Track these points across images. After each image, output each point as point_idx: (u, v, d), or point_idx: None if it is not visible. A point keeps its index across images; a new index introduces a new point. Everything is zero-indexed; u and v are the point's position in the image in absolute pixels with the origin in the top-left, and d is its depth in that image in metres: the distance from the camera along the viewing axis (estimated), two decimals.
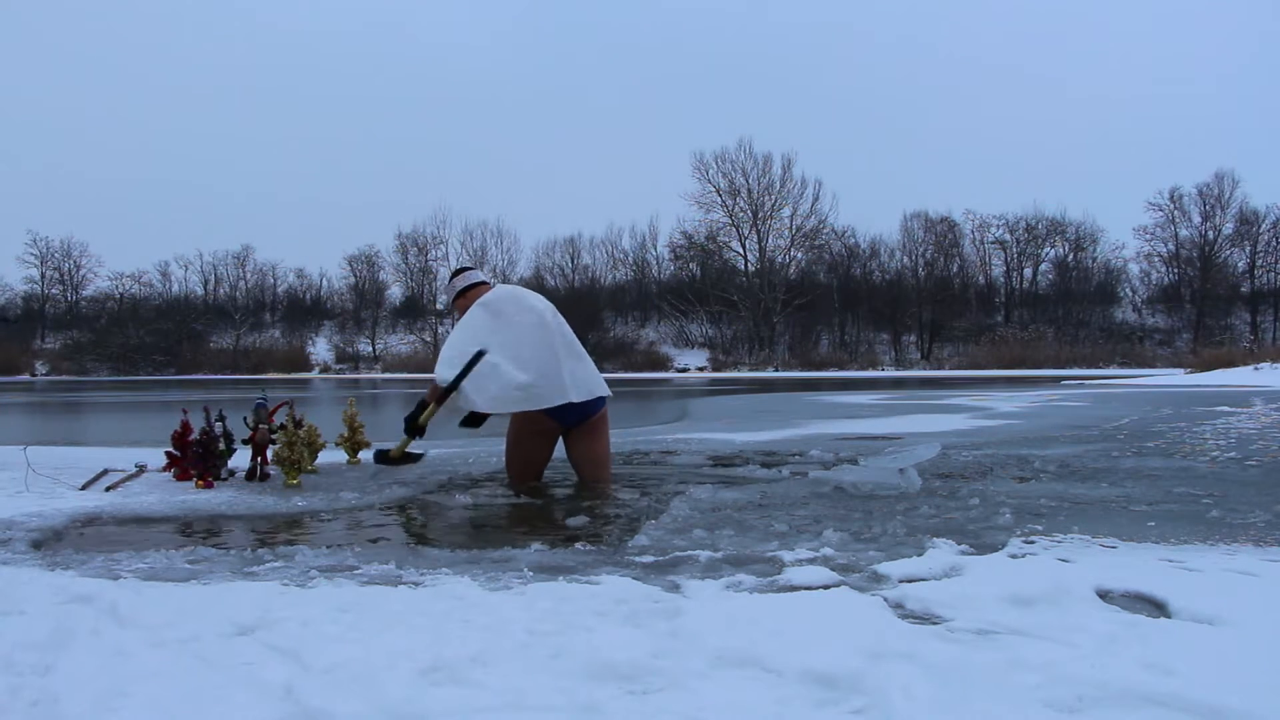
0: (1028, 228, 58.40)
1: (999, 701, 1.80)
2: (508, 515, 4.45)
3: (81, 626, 2.30)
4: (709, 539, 3.57)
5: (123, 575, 2.99)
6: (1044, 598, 2.48)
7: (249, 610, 2.44)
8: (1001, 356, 48.52)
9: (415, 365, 57.73)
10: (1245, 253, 55.17)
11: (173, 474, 5.37)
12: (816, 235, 57.44)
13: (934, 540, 3.37)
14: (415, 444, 5.69)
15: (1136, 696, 1.80)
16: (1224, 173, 54.15)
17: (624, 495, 4.91)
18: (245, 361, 57.87)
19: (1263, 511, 3.97)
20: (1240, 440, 7.06)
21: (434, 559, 3.26)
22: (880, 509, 4.20)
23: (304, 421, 5.57)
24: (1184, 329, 54.11)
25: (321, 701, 1.81)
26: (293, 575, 2.97)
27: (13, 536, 3.73)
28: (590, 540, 3.64)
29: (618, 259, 62.93)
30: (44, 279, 65.23)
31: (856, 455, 6.20)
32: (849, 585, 2.74)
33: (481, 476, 5.70)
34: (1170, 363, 43.50)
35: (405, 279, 64.85)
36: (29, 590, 2.70)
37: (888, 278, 58.73)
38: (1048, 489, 4.73)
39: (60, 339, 62.56)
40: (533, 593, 2.65)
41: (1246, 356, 31.24)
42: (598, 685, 1.91)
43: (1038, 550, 3.21)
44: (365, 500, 4.80)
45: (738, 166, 56.64)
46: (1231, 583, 2.73)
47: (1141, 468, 5.58)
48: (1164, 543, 3.35)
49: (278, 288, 68.02)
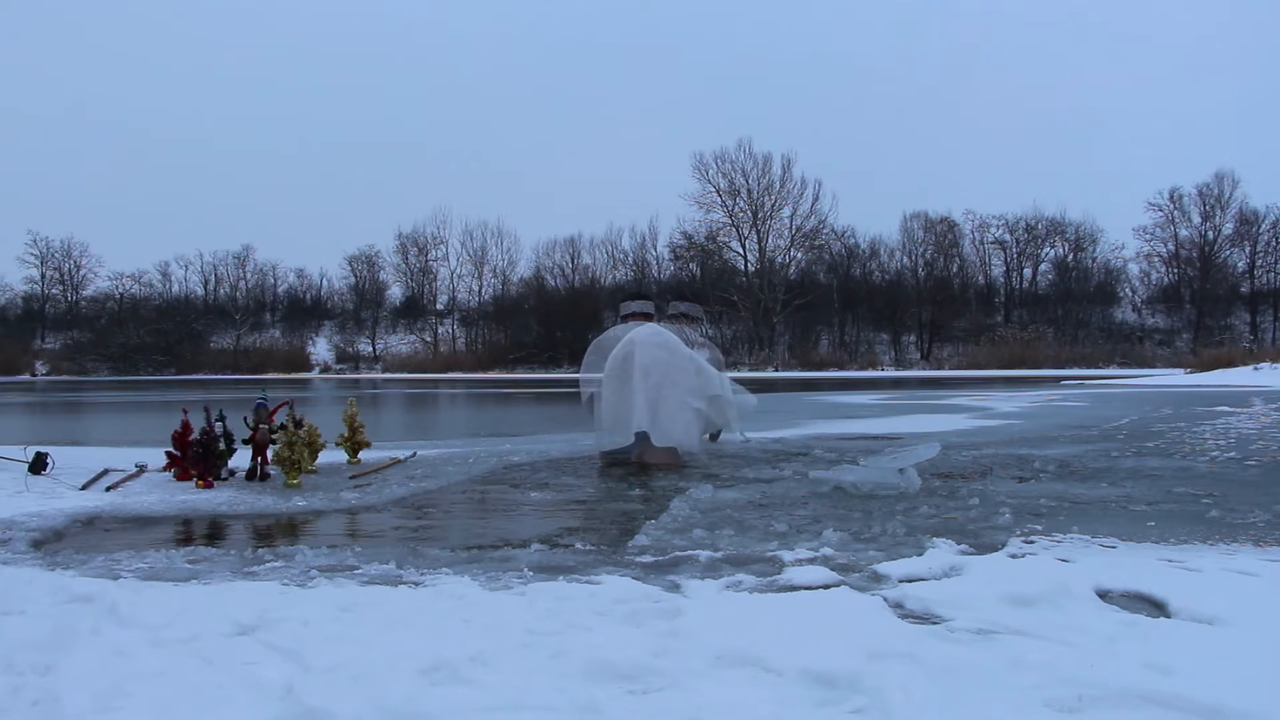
0: (1027, 228, 58.38)
1: (999, 701, 1.80)
2: (508, 515, 4.45)
3: (81, 626, 2.30)
4: (709, 539, 3.58)
5: (123, 575, 2.99)
6: (1044, 598, 2.48)
7: (249, 610, 2.44)
8: (1001, 356, 48.49)
9: (415, 365, 57.70)
10: (1245, 253, 55.15)
11: (173, 474, 5.37)
12: (816, 235, 57.42)
13: (934, 540, 3.37)
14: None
15: (1136, 696, 1.80)
16: (1224, 173, 54.13)
17: (624, 495, 4.91)
18: (245, 361, 57.84)
19: (1262, 511, 3.97)
20: (1240, 440, 7.06)
21: (434, 559, 3.26)
22: (880, 509, 4.20)
23: (304, 421, 5.57)
24: (1184, 329, 54.06)
25: (322, 701, 1.81)
26: (293, 575, 2.97)
27: (13, 536, 3.73)
28: (590, 540, 3.64)
29: (618, 259, 62.97)
30: (44, 279, 65.23)
31: (857, 455, 6.21)
32: (849, 585, 2.74)
33: (481, 476, 5.71)
34: (1170, 363, 43.45)
35: (405, 279, 64.85)
36: (29, 590, 2.70)
37: (887, 278, 58.68)
38: (1048, 489, 4.73)
39: (60, 339, 62.50)
40: (533, 593, 2.65)
41: (1246, 356, 31.22)
42: (598, 685, 1.91)
43: (1038, 550, 3.21)
44: (365, 500, 4.81)
45: (738, 167, 56.66)
46: (1231, 583, 2.73)
47: (1141, 468, 5.58)
48: (1164, 543, 3.36)
49: (278, 288, 68.01)
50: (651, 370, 6.21)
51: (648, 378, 6.19)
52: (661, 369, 6.22)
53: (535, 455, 6.73)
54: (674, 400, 6.19)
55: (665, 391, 6.19)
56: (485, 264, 63.35)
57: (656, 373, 6.20)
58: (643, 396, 6.16)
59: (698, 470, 5.78)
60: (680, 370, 6.30)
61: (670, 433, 6.13)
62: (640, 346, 6.31)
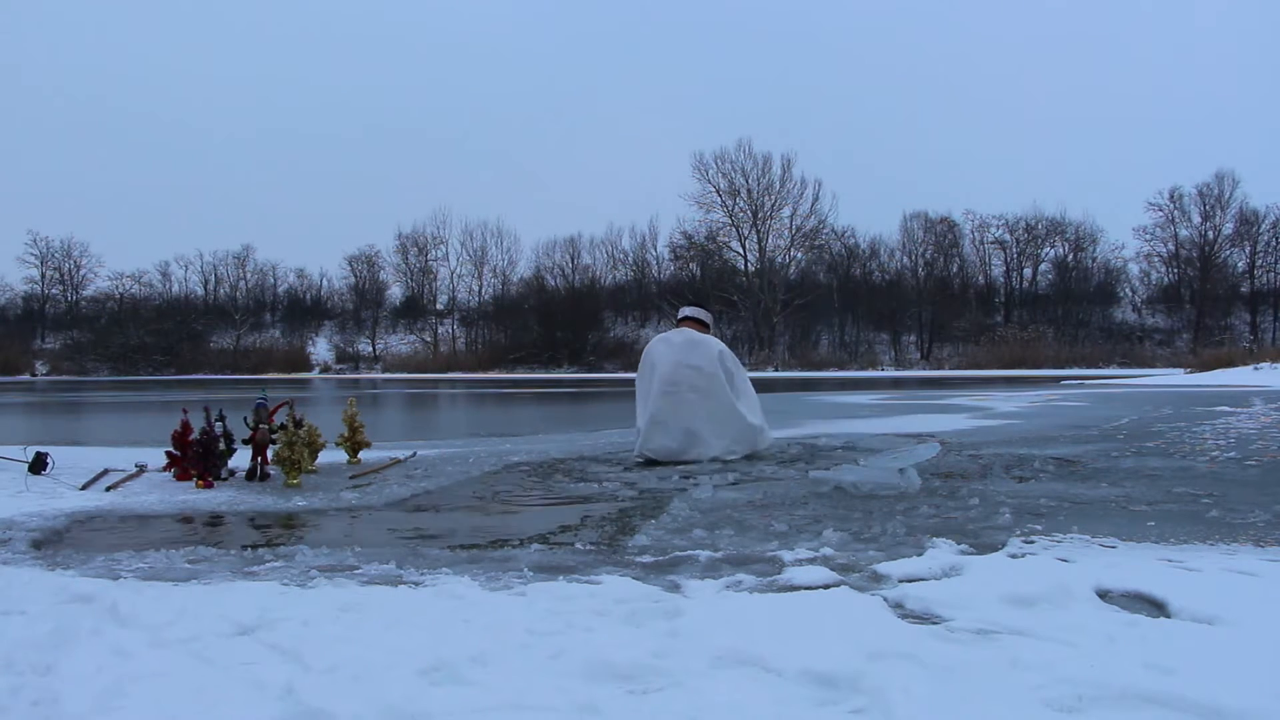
0: (1027, 228, 58.37)
1: (999, 701, 1.80)
2: (508, 515, 4.45)
3: (81, 626, 2.30)
4: (709, 539, 3.58)
5: (123, 575, 2.99)
6: (1044, 598, 2.48)
7: (249, 610, 2.44)
8: (1001, 356, 48.46)
9: (415, 365, 57.64)
10: (1245, 253, 55.11)
11: (173, 474, 5.38)
12: (816, 235, 57.39)
13: (934, 540, 3.37)
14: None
15: (1136, 696, 1.80)
16: (1224, 173, 54.08)
17: (624, 495, 4.91)
18: (245, 362, 57.79)
19: (1262, 511, 3.97)
20: (1240, 440, 7.06)
21: (434, 559, 3.26)
22: (880, 509, 4.20)
23: (304, 421, 5.57)
24: (1184, 329, 54.03)
25: (322, 701, 1.81)
26: (293, 575, 2.97)
27: (13, 536, 3.73)
28: (590, 540, 3.64)
29: (618, 259, 62.97)
30: (44, 279, 65.19)
31: (857, 455, 6.21)
32: (849, 585, 2.74)
33: (481, 476, 5.71)
34: (1170, 363, 43.41)
35: (405, 279, 64.82)
36: (29, 590, 2.71)
37: (887, 278, 58.66)
38: (1048, 489, 4.73)
39: (60, 339, 62.47)
40: (533, 593, 2.65)
41: (1246, 356, 31.17)
42: (598, 685, 1.91)
43: (1038, 550, 3.21)
44: (365, 500, 4.81)
45: (737, 167, 56.62)
46: (1231, 583, 2.73)
47: (1141, 468, 5.58)
48: (1164, 543, 3.35)
49: (278, 288, 67.98)
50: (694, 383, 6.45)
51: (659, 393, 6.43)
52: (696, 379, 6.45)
53: (535, 455, 6.73)
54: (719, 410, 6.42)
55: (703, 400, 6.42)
56: (485, 264, 63.35)
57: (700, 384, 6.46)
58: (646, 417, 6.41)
59: (698, 470, 5.78)
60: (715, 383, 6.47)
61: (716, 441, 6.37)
62: (670, 358, 6.55)
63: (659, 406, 6.29)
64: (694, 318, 6.95)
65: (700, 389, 6.30)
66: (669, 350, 6.50)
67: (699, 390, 6.30)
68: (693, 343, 6.53)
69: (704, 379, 6.34)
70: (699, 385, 6.31)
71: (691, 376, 6.34)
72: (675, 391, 6.30)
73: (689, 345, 6.50)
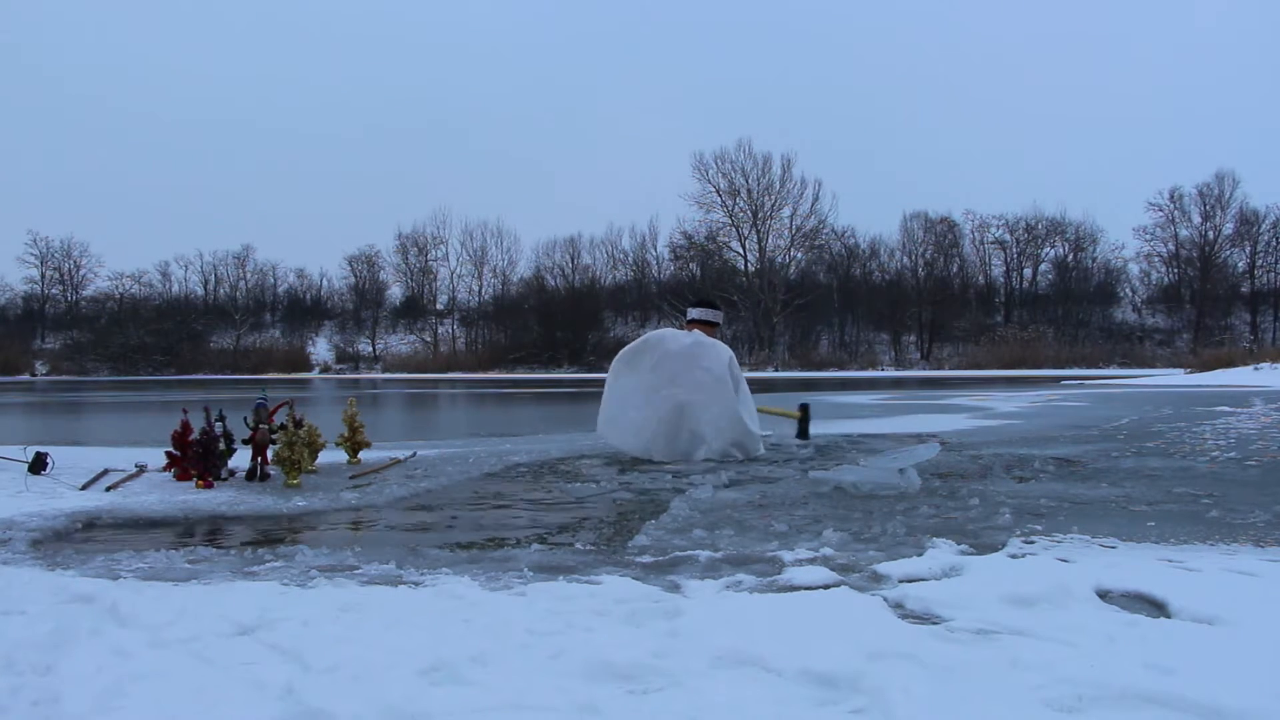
0: (1027, 228, 58.38)
1: (999, 701, 1.80)
2: (508, 515, 4.45)
3: (81, 626, 2.30)
4: (709, 539, 3.58)
5: (123, 575, 2.99)
6: (1044, 598, 2.48)
7: (249, 610, 2.44)
8: (1001, 356, 48.47)
9: (415, 365, 57.64)
10: (1245, 253, 55.12)
11: (173, 474, 5.37)
12: (816, 235, 57.39)
13: (934, 540, 3.37)
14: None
15: (1136, 696, 1.80)
16: (1224, 173, 54.06)
17: (624, 495, 4.91)
18: (245, 362, 57.79)
19: (1262, 511, 3.97)
20: (1240, 440, 7.06)
21: (434, 559, 3.26)
22: (880, 509, 4.20)
23: (304, 421, 5.57)
24: (1184, 329, 54.03)
25: (322, 701, 1.81)
26: (293, 575, 2.97)
27: (13, 536, 3.73)
28: (590, 540, 3.64)
29: (618, 259, 62.98)
30: (44, 279, 65.20)
31: (857, 455, 6.21)
32: (849, 585, 2.74)
33: (481, 476, 5.71)
34: (1170, 363, 43.41)
35: (405, 279, 64.83)
36: (29, 590, 2.71)
37: (887, 278, 58.67)
38: (1048, 489, 4.73)
39: (60, 339, 62.46)
40: (533, 593, 2.65)
41: (1246, 356, 31.16)
42: (598, 685, 1.91)
43: (1038, 550, 3.21)
44: (365, 500, 4.81)
45: (737, 167, 56.60)
46: (1231, 583, 2.73)
47: (1141, 468, 5.58)
48: (1164, 543, 3.35)
49: (278, 288, 67.98)
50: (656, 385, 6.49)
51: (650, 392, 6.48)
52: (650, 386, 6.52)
53: (535, 455, 6.73)
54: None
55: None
56: (485, 264, 63.37)
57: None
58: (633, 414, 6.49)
59: (697, 470, 5.78)
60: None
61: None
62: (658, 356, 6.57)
63: (666, 408, 6.29)
64: (703, 320, 6.97)
65: (709, 391, 6.31)
66: (679, 349, 6.47)
67: (707, 391, 6.30)
68: (704, 346, 6.53)
69: (715, 382, 6.35)
70: (708, 387, 6.32)
71: (704, 379, 6.35)
72: (685, 393, 6.31)
73: (701, 348, 6.49)
